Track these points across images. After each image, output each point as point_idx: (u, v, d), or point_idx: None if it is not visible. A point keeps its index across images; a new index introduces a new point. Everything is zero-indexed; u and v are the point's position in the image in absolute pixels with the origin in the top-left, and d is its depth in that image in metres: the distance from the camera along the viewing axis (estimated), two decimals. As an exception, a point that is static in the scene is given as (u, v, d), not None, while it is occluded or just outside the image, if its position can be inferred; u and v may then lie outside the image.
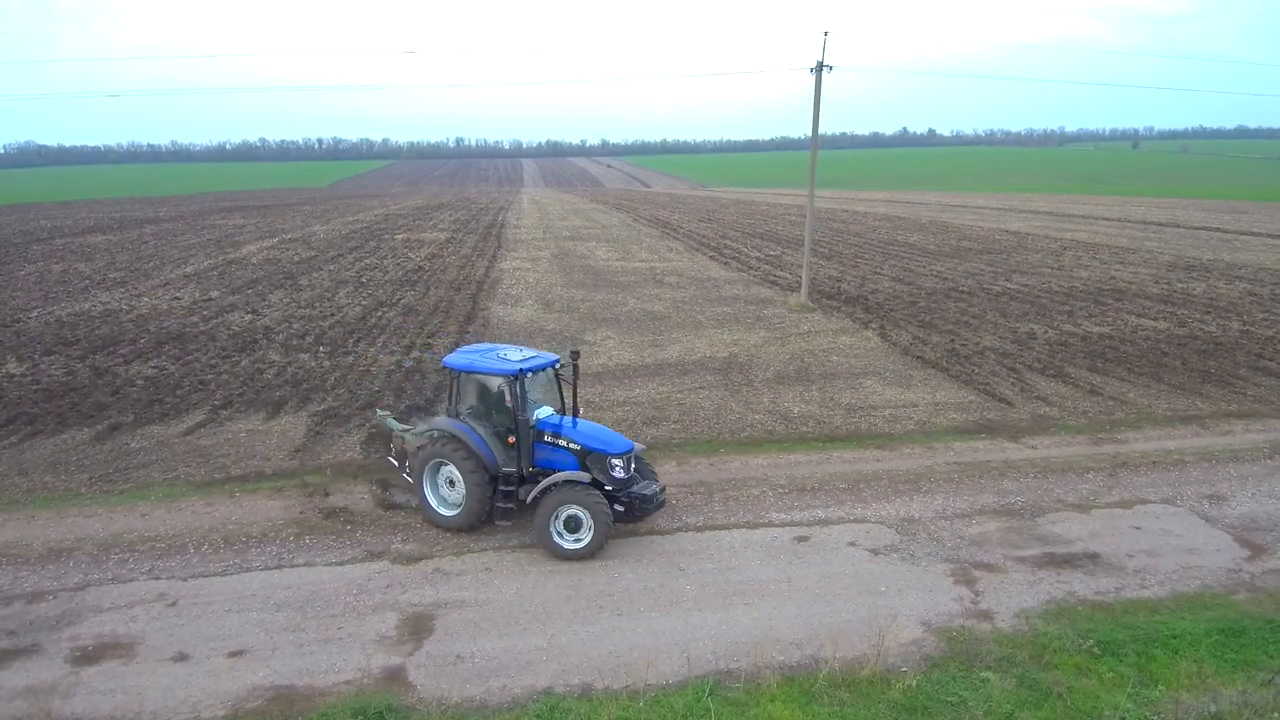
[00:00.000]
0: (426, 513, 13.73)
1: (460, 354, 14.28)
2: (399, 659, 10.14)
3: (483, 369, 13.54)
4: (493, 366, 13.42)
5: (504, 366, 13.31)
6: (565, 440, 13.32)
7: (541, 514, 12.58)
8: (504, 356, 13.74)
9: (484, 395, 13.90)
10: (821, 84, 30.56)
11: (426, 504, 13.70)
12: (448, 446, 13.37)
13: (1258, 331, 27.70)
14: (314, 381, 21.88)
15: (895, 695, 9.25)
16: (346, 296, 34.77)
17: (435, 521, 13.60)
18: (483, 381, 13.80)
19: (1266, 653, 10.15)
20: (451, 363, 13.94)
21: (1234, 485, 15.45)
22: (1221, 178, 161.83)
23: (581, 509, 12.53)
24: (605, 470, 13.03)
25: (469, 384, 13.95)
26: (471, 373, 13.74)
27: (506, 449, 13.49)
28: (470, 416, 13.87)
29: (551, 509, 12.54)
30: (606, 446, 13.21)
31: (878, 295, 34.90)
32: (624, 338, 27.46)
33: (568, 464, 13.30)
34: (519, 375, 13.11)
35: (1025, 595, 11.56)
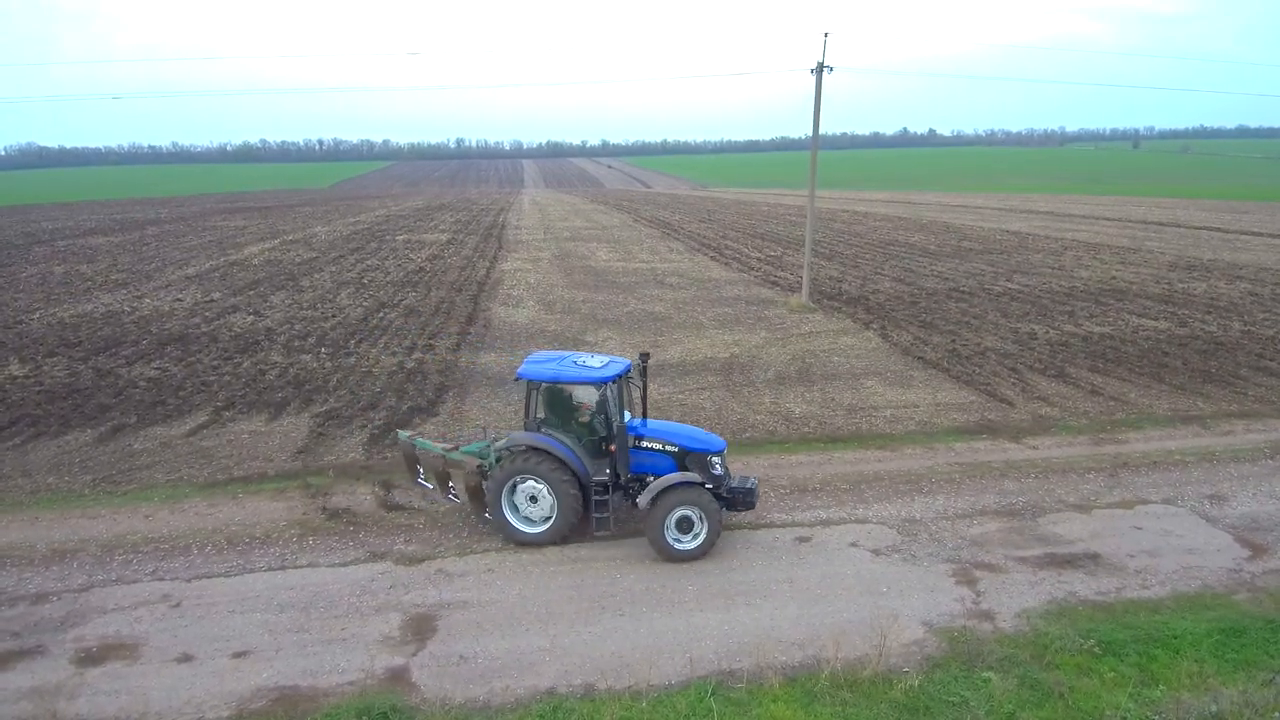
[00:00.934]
0: (508, 532, 13.13)
1: (533, 365, 13.56)
2: (402, 659, 10.17)
3: (570, 378, 13.16)
4: (581, 375, 13.11)
5: (594, 374, 13.05)
6: (661, 443, 13.26)
7: (656, 517, 12.50)
8: (584, 364, 13.41)
9: (569, 405, 13.58)
10: (822, 84, 30.59)
11: (507, 524, 13.11)
12: (533, 460, 12.89)
13: (1259, 331, 27.70)
14: (316, 383, 21.93)
15: (897, 695, 9.27)
16: (348, 298, 34.82)
17: (519, 540, 13.06)
18: (568, 391, 13.49)
19: (1267, 652, 10.17)
20: (532, 374, 13.28)
21: (1235, 485, 15.46)
22: (1222, 177, 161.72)
23: (694, 509, 12.56)
24: (706, 469, 13.11)
25: (551, 395, 13.46)
26: (558, 383, 13.27)
27: (596, 458, 13.26)
28: (551, 428, 13.40)
29: (666, 511, 12.50)
30: (706, 446, 13.28)
31: (879, 296, 34.92)
32: (625, 338, 27.49)
33: (662, 466, 13.23)
34: (611, 382, 13.03)
35: (1026, 595, 11.58)
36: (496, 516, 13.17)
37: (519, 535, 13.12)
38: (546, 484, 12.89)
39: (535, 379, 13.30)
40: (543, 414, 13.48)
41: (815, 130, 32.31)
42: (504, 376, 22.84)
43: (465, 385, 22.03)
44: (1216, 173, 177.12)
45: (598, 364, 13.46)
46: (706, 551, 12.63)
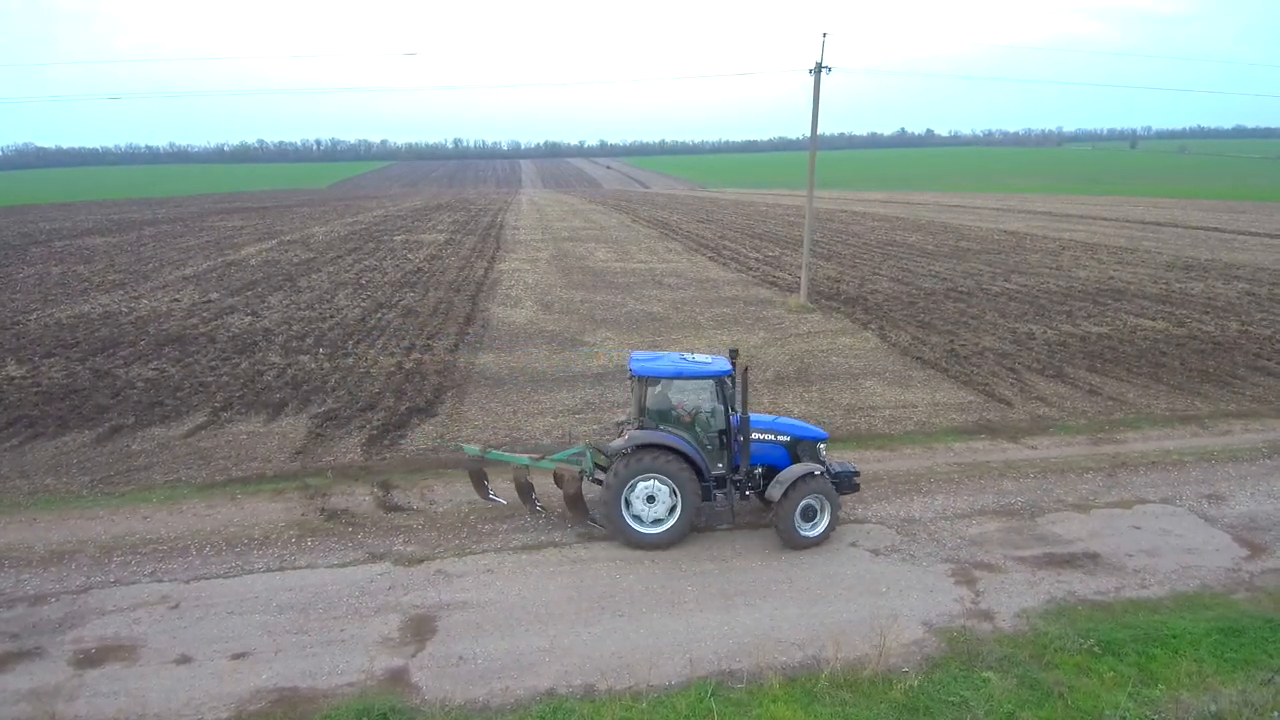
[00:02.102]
0: (628, 535, 12.86)
1: (646, 362, 13.36)
2: (402, 660, 10.16)
3: (692, 373, 13.14)
4: (701, 370, 13.13)
5: (713, 369, 13.13)
6: (773, 434, 13.59)
7: (786, 507, 12.72)
8: (693, 359, 13.51)
9: (688, 401, 13.55)
10: (820, 85, 30.62)
11: (627, 527, 12.86)
12: (661, 459, 12.66)
13: (1256, 331, 27.75)
14: (314, 383, 21.90)
15: (897, 695, 9.28)
16: (346, 298, 34.79)
17: (639, 543, 12.82)
18: (686, 387, 13.49)
19: (1266, 652, 10.19)
20: (650, 371, 13.13)
21: (1233, 485, 15.49)
22: (1219, 178, 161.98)
23: (819, 497, 12.92)
24: (815, 456, 13.66)
25: (668, 391, 13.46)
26: (679, 378, 13.22)
27: (715, 452, 13.29)
28: (668, 425, 13.29)
29: (796, 501, 12.75)
30: (816, 434, 13.88)
31: (877, 296, 34.93)
32: (623, 338, 27.49)
33: (773, 456, 13.59)
34: (729, 376, 13.11)
35: (1026, 595, 11.59)
36: (614, 520, 12.85)
37: (640, 538, 12.85)
38: (673, 482, 12.70)
39: (654, 375, 13.18)
40: (667, 410, 13.42)
41: (814, 130, 32.34)
42: (502, 377, 22.85)
43: (464, 386, 22.01)
44: (1214, 173, 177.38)
45: (705, 359, 13.59)
46: (828, 537, 13.02)
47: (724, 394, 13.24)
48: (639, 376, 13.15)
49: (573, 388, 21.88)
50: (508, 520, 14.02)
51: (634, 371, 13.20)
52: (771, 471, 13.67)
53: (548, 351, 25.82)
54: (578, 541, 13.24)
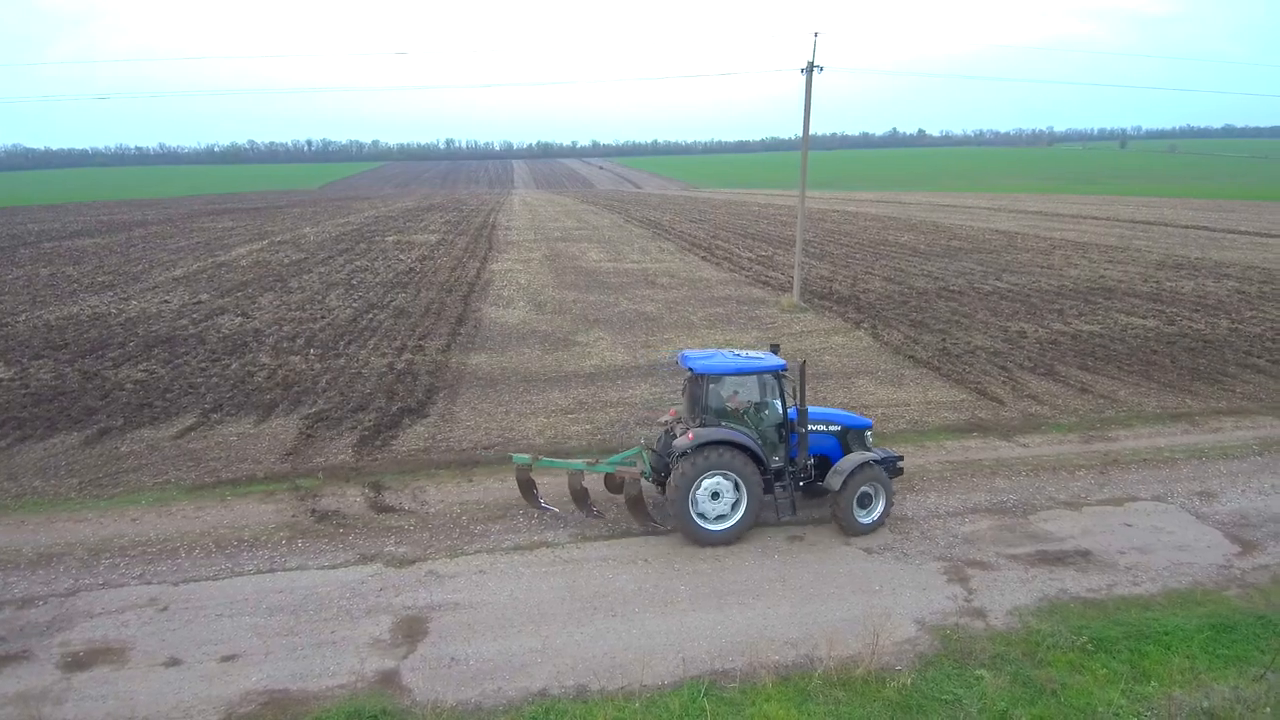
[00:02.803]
0: (696, 534, 12.81)
1: (704, 360, 13.44)
2: (393, 662, 10.09)
3: (754, 369, 13.29)
4: (760, 365, 13.29)
5: (771, 363, 13.31)
6: (824, 424, 13.91)
7: (845, 496, 12.98)
8: (746, 355, 13.73)
9: (747, 396, 13.68)
10: (812, 84, 30.62)
11: (695, 525, 12.79)
12: (726, 455, 12.65)
13: (1246, 329, 27.88)
14: (305, 384, 21.79)
15: (890, 694, 9.26)
16: (337, 299, 34.65)
17: (705, 540, 12.78)
18: (746, 382, 13.57)
19: (1258, 648, 10.21)
20: (711, 368, 13.19)
21: (1224, 482, 15.54)
22: (1209, 177, 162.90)
23: (874, 484, 13.23)
24: (864, 444, 14.09)
25: (730, 388, 13.50)
26: (740, 374, 13.33)
27: (773, 445, 13.41)
28: (729, 420, 13.38)
29: (855, 489, 13.03)
30: (862, 423, 14.31)
31: (869, 295, 34.98)
32: (616, 338, 27.45)
33: (826, 446, 13.92)
34: (785, 370, 13.33)
35: (1018, 593, 11.60)
36: (683, 518, 12.77)
37: (707, 535, 12.82)
38: (738, 477, 12.73)
39: (716, 372, 13.21)
40: (718, 408, 13.45)
41: (805, 130, 32.33)
42: (494, 377, 22.78)
43: (456, 386, 21.94)
44: (1203, 172, 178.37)
45: (758, 354, 13.80)
46: (883, 523, 13.32)
47: (781, 387, 13.42)
48: (701, 374, 13.19)
49: (565, 388, 21.83)
50: (500, 521, 13.97)
51: (695, 370, 13.23)
52: (823, 461, 13.91)
53: (540, 352, 25.76)
54: (570, 541, 13.20)
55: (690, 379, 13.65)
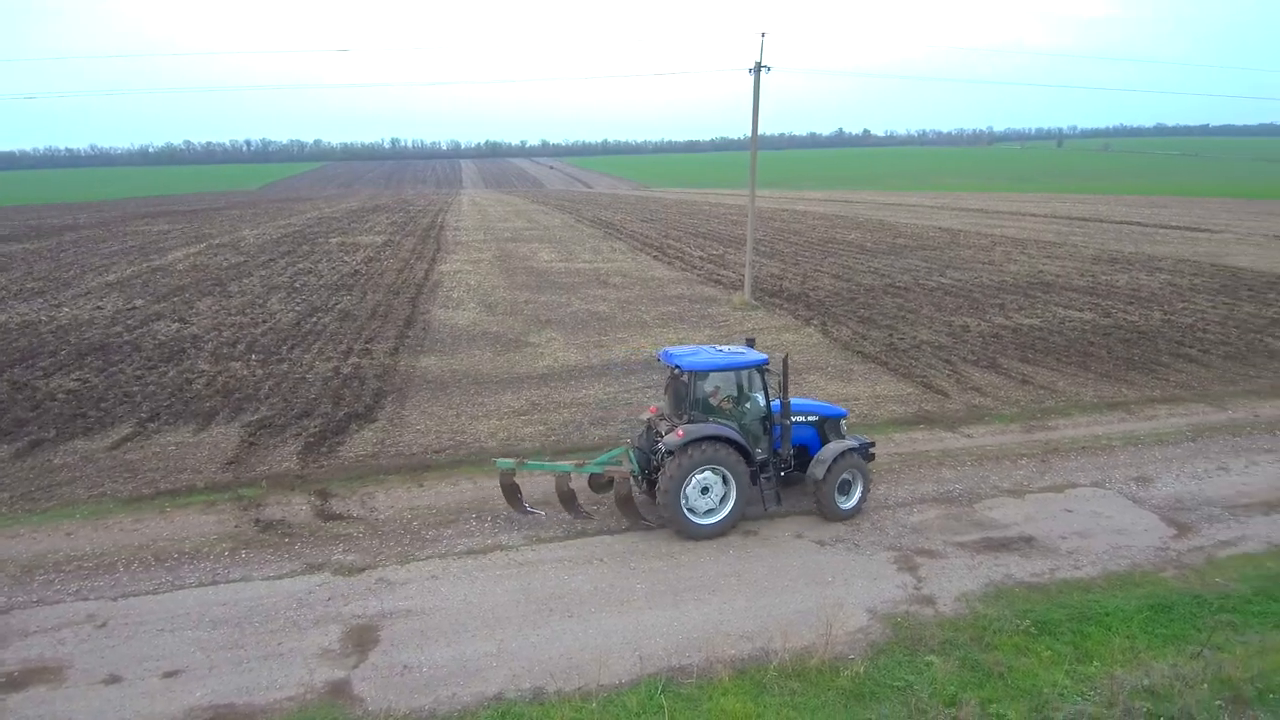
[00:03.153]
0: (688, 529, 12.94)
1: (691, 357, 13.50)
2: (343, 672, 9.86)
3: (737, 364, 13.46)
4: (747, 360, 13.48)
5: (755, 359, 13.53)
6: (803, 416, 14.25)
7: (828, 484, 13.33)
8: (726, 352, 13.82)
9: (732, 391, 13.88)
10: (760, 84, 30.90)
11: (687, 520, 12.92)
12: (719, 451, 12.81)
13: (1178, 320, 28.99)
14: (246, 391, 21.21)
15: (844, 682, 9.38)
16: (279, 302, 33.82)
17: (696, 534, 12.95)
18: (733, 378, 13.77)
19: (1194, 626, 10.59)
20: (698, 365, 13.28)
21: (1159, 467, 16.11)
22: (1141, 174, 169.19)
23: (853, 471, 13.67)
24: (839, 433, 14.51)
25: (717, 383, 13.70)
26: (727, 370, 13.53)
27: (756, 438, 13.61)
28: (715, 416, 13.54)
29: (836, 476, 13.40)
30: (838, 412, 14.80)
31: (819, 292, 35.46)
32: (569, 339, 27.33)
33: (805, 436, 14.30)
34: (767, 364, 13.59)
35: (965, 579, 11.86)
36: (674, 514, 12.84)
37: (698, 529, 12.97)
38: (727, 471, 12.91)
39: (704, 369, 13.31)
40: (706, 403, 13.60)
41: (754, 129, 32.61)
42: (445, 380, 22.47)
43: (405, 390, 21.58)
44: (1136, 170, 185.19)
45: (739, 349, 13.99)
46: (862, 509, 13.80)
47: (764, 382, 13.70)
48: (690, 371, 13.25)
49: (518, 389, 21.65)
50: (452, 525, 13.78)
51: (683, 367, 13.29)
52: (801, 451, 14.26)
53: (492, 353, 25.51)
54: (525, 544, 13.08)
55: (674, 375, 13.73)
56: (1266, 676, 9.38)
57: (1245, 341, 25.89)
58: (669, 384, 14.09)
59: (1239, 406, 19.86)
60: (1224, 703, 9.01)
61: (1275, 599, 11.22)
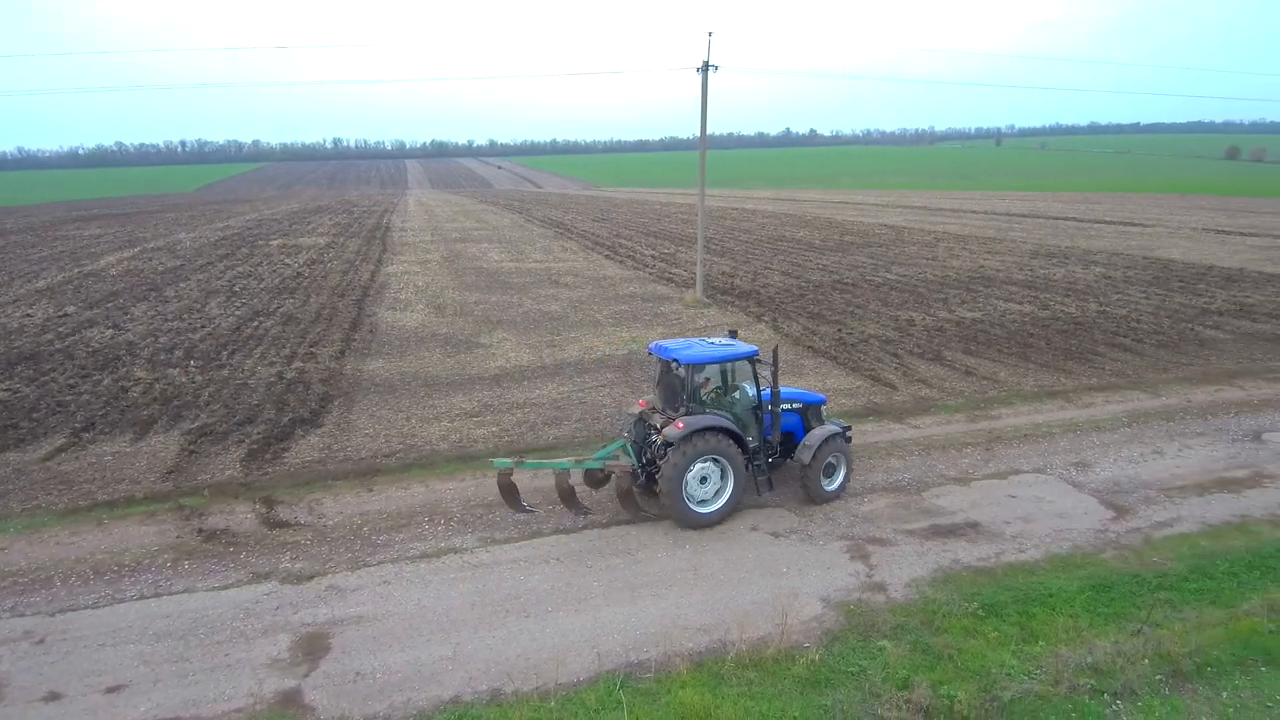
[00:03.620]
0: (689, 518, 13.20)
1: (687, 350, 13.70)
2: (294, 681, 9.62)
3: (729, 356, 13.80)
4: (740, 352, 13.85)
5: (747, 350, 13.95)
6: (789, 403, 14.66)
7: (815, 467, 13.89)
8: (721, 343, 14.18)
9: (726, 382, 14.47)
10: (708, 83, 31.11)
11: (689, 510, 13.17)
12: (714, 441, 13.06)
13: (1113, 311, 30.04)
14: (185, 398, 20.55)
15: (800, 670, 9.49)
16: (218, 307, 32.87)
17: (698, 523, 13.23)
18: (723, 369, 14.34)
19: (1134, 605, 10.96)
20: (695, 358, 13.48)
21: (1097, 453, 16.66)
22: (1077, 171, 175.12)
23: (837, 455, 14.25)
24: (820, 418, 15.07)
25: (708, 375, 14.12)
26: (723, 361, 13.94)
27: (749, 426, 13.96)
28: (711, 406, 13.87)
29: (822, 460, 13.98)
30: (818, 399, 15.34)
31: (769, 289, 35.84)
32: (521, 339, 27.13)
33: (791, 423, 14.79)
34: (757, 355, 14.07)
35: (915, 566, 12.11)
36: (677, 505, 13.05)
37: (699, 518, 13.24)
38: (726, 460, 13.21)
39: (701, 361, 13.56)
40: (708, 392, 14.09)
41: (703, 127, 32.80)
42: (393, 383, 22.10)
43: (352, 394, 21.16)
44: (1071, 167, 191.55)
45: (728, 341, 14.39)
46: (845, 490, 14.42)
47: (755, 372, 14.12)
48: (687, 364, 13.43)
49: (469, 391, 21.41)
50: (404, 529, 13.55)
51: (681, 360, 13.46)
52: (787, 438, 14.75)
53: (442, 355, 25.18)
54: (479, 546, 12.93)
55: (667, 368, 14.02)
56: (1204, 651, 9.75)
57: (1177, 331, 26.94)
58: (660, 377, 14.33)
59: (1172, 393, 20.66)
60: (1164, 677, 9.36)
61: (1210, 576, 11.70)
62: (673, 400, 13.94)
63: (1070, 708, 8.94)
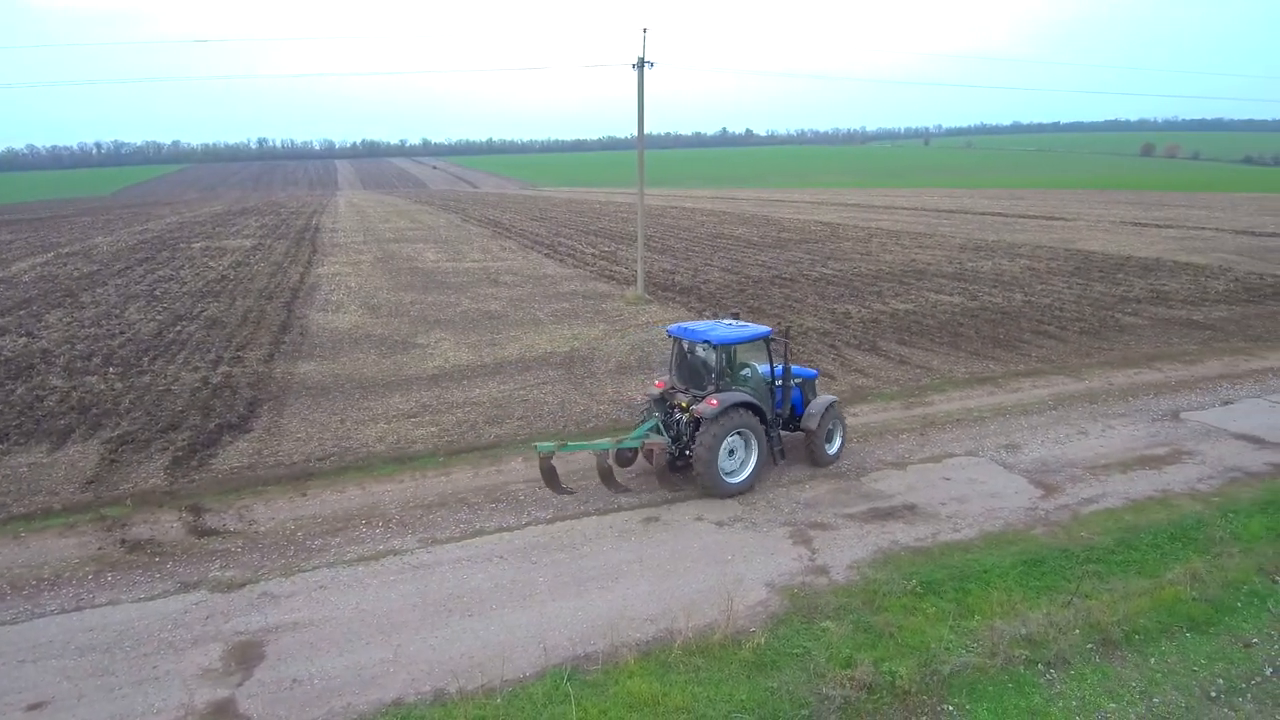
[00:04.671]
0: (723, 488, 14.00)
1: (714, 331, 14.64)
2: (227, 691, 9.25)
3: (752, 336, 14.86)
4: (757, 333, 14.99)
5: (763, 330, 15.16)
6: (793, 379, 15.73)
7: (820, 433, 15.26)
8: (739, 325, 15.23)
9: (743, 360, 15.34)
10: (644, 79, 31.15)
11: (723, 481, 13.99)
12: (743, 416, 13.97)
13: (1037, 301, 31.17)
14: (105, 406, 19.62)
15: (745, 654, 9.55)
16: (138, 312, 31.51)
17: (730, 493, 14.06)
18: (751, 348, 15.31)
19: (1064, 578, 11.36)
20: (723, 338, 14.39)
21: (1026, 435, 17.23)
22: (1001, 169, 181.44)
23: (835, 421, 15.66)
24: (814, 391, 16.26)
25: (735, 354, 14.95)
26: (749, 341, 14.90)
27: (765, 399, 14.90)
28: (736, 384, 14.72)
29: (824, 428, 15.35)
30: (813, 374, 16.71)
31: (709, 285, 36.10)
32: (460, 338, 26.72)
33: (794, 397, 15.77)
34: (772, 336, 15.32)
35: (856, 548, 12.32)
36: (713, 477, 13.86)
37: (731, 488, 14.10)
38: (751, 433, 14.18)
39: (731, 342, 14.54)
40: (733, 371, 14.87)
41: (640, 123, 32.79)
42: (326, 385, 21.50)
43: (282, 397, 20.49)
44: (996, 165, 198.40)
45: (741, 324, 15.43)
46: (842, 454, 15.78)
47: (770, 350, 15.41)
48: (719, 345, 14.33)
49: (407, 391, 20.97)
50: (340, 533, 13.17)
51: (713, 341, 14.37)
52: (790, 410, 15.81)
53: (377, 356, 24.61)
54: (420, 547, 12.66)
55: (687, 349, 15.09)
56: (1131, 619, 10.16)
57: (1098, 318, 28.10)
58: (679, 358, 15.27)
59: (1094, 376, 21.51)
60: (1094, 646, 9.73)
61: (1135, 548, 12.20)
62: (696, 379, 14.78)
63: (1006, 678, 9.21)
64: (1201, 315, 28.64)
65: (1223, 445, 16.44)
